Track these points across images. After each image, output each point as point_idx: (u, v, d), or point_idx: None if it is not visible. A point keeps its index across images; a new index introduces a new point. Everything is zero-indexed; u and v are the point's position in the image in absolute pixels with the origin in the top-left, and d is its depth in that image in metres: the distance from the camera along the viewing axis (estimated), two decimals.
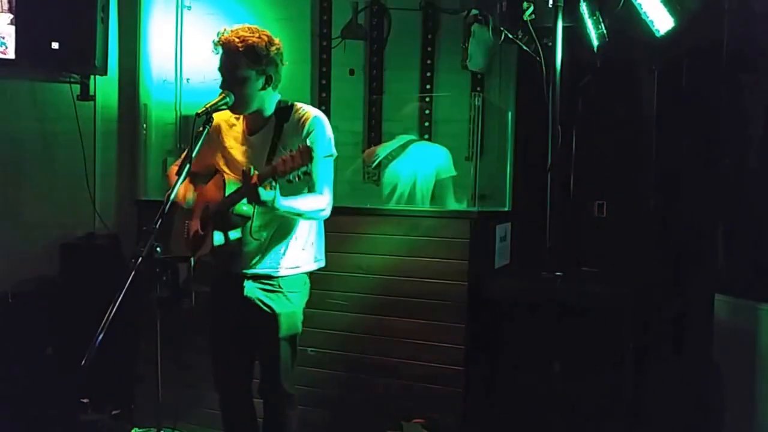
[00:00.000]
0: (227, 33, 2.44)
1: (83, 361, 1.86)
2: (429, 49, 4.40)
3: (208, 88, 4.05)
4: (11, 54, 3.69)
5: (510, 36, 3.18)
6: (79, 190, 3.94)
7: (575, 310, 2.95)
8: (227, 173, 2.57)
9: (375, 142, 4.39)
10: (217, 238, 2.48)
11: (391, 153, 4.00)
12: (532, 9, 2.94)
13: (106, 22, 3.79)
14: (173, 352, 2.54)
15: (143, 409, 3.62)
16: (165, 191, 2.70)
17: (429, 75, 4.40)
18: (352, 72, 4.54)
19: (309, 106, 2.60)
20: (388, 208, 3.66)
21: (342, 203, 2.93)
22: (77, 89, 3.91)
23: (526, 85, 4.00)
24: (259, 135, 2.56)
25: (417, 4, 4.38)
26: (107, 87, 4.05)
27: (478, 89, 4.21)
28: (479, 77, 4.21)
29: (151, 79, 4.13)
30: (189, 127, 2.69)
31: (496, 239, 3.57)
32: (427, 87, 4.40)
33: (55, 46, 3.60)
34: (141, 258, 2.02)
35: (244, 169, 2.28)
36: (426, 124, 4.33)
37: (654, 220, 3.73)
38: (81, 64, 3.76)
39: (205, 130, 2.39)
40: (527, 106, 4.01)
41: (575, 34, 3.05)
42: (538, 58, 3.01)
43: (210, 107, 2.36)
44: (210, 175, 2.64)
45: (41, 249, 3.85)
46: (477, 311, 3.16)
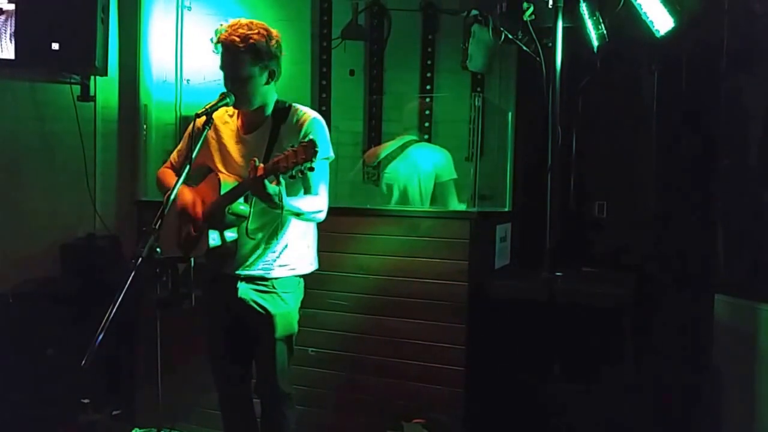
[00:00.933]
0: (225, 30, 2.43)
1: (83, 362, 1.85)
2: (429, 50, 4.40)
3: (208, 88, 4.06)
4: (11, 54, 3.70)
5: (510, 36, 3.18)
6: (80, 190, 3.94)
7: (575, 310, 2.95)
8: (222, 172, 2.55)
9: (375, 142, 4.39)
10: (213, 238, 2.45)
11: (391, 153, 4.00)
12: (532, 9, 2.93)
13: (106, 22, 3.79)
14: (173, 352, 2.54)
15: (143, 410, 3.62)
16: (158, 187, 2.71)
17: (429, 75, 4.40)
18: (352, 72, 4.54)
19: (307, 107, 2.60)
20: (388, 208, 3.65)
21: (342, 203, 2.94)
22: (77, 90, 3.91)
23: (526, 86, 4.00)
24: (256, 134, 2.55)
25: (417, 4, 4.38)
26: (107, 87, 4.04)
27: (478, 90, 4.21)
28: (479, 78, 4.21)
29: (152, 80, 4.12)
30: (189, 128, 2.69)
31: (496, 239, 3.57)
32: (427, 87, 4.40)
33: (56, 46, 3.60)
34: (141, 258, 2.02)
35: (252, 161, 2.23)
36: (426, 124, 4.34)
37: (654, 220, 3.73)
38: (81, 64, 3.76)
39: (205, 130, 2.39)
40: (527, 106, 4.02)
41: (575, 34, 3.04)
42: (538, 58, 3.00)
43: (210, 108, 2.36)
44: (201, 175, 2.61)
45: (41, 250, 3.85)
46: (477, 311, 3.16)
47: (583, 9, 2.94)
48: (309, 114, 2.54)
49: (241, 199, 2.40)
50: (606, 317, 3.05)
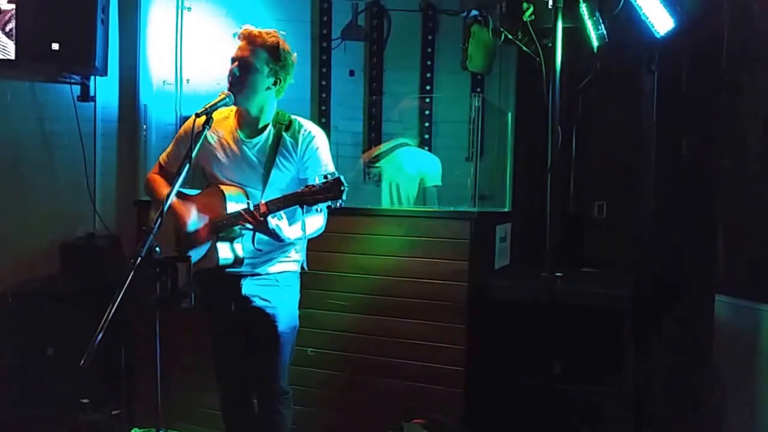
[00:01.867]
0: (252, 28, 2.50)
1: (83, 361, 1.85)
2: (429, 50, 4.41)
3: (207, 88, 4.06)
4: (11, 54, 3.70)
5: (510, 37, 3.18)
6: (79, 190, 3.94)
7: (575, 310, 2.95)
8: (219, 179, 2.56)
9: (375, 142, 4.39)
10: (223, 254, 2.49)
11: (381, 153, 4.03)
12: (531, 10, 2.94)
13: (106, 23, 3.79)
14: (172, 352, 2.54)
15: (143, 409, 3.62)
16: (147, 192, 2.70)
17: (429, 76, 4.41)
18: (352, 73, 4.55)
19: (309, 121, 2.63)
20: (388, 208, 3.66)
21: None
22: (77, 90, 3.91)
23: (525, 86, 4.01)
24: (257, 141, 2.56)
25: (417, 5, 4.39)
26: (107, 88, 4.05)
27: (478, 90, 4.22)
28: (479, 78, 4.22)
29: (151, 80, 4.13)
30: (180, 131, 2.70)
31: (496, 240, 3.57)
32: (427, 88, 4.41)
33: (56, 46, 3.60)
34: (140, 258, 2.02)
35: (258, 203, 2.34)
36: (426, 124, 4.34)
37: (654, 220, 3.73)
38: (81, 64, 3.76)
39: (205, 129, 2.39)
40: (527, 106, 4.02)
41: (575, 35, 3.05)
42: (537, 58, 3.00)
43: (210, 107, 2.36)
44: (198, 177, 2.64)
45: (41, 249, 3.85)
46: (477, 312, 3.16)
47: (583, 9, 2.94)
48: (312, 129, 2.59)
49: None
50: (606, 317, 3.05)
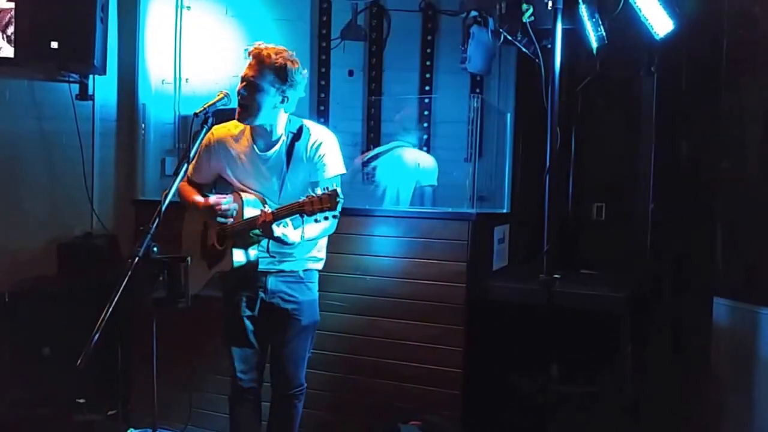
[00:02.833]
0: (263, 46, 2.51)
1: (79, 362, 1.85)
2: (428, 51, 4.41)
3: (206, 88, 4.06)
4: (10, 53, 3.69)
5: (509, 38, 3.17)
6: (77, 189, 3.93)
7: (573, 312, 2.94)
8: (242, 188, 2.64)
9: (374, 142, 4.39)
10: (237, 257, 2.55)
11: (376, 154, 4.04)
12: (531, 11, 2.93)
13: (105, 21, 3.79)
14: (169, 352, 2.53)
15: (139, 410, 3.61)
16: (154, 193, 2.73)
17: (428, 76, 4.40)
18: (351, 73, 4.55)
19: (320, 126, 2.70)
20: (386, 209, 3.65)
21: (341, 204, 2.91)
22: (76, 89, 3.90)
23: (525, 87, 4.01)
24: (272, 153, 2.61)
25: (416, 5, 4.39)
26: (106, 87, 4.04)
27: (477, 91, 4.21)
28: (478, 79, 4.21)
29: (150, 79, 4.12)
30: (187, 128, 2.71)
31: (494, 241, 3.56)
32: (427, 88, 4.40)
33: (55, 45, 3.59)
34: (138, 258, 2.02)
35: (262, 211, 2.39)
36: (425, 125, 4.34)
37: (653, 222, 3.72)
38: (80, 63, 3.76)
39: (204, 129, 2.41)
40: (526, 108, 4.02)
41: (574, 36, 3.04)
42: (537, 60, 3.00)
43: (208, 107, 2.39)
44: (220, 186, 2.73)
45: (39, 248, 3.84)
46: (475, 313, 3.16)
47: (583, 11, 2.93)
48: (323, 133, 2.66)
49: None
50: (604, 319, 3.04)
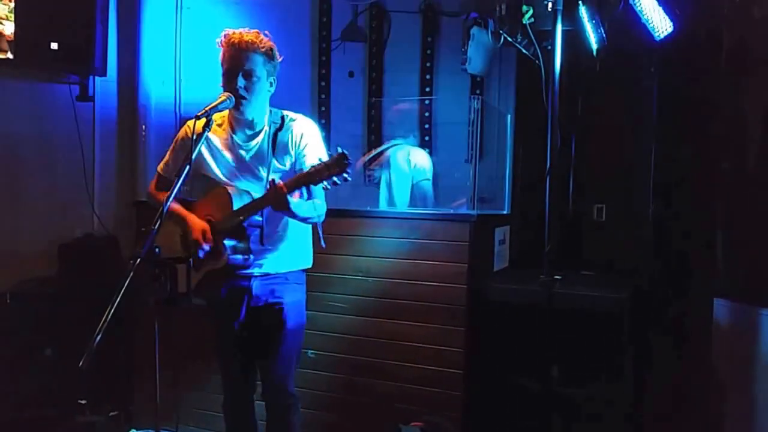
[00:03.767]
0: (237, 34, 2.46)
1: (81, 362, 1.85)
2: (428, 52, 4.40)
3: (206, 89, 4.05)
4: (10, 54, 3.69)
5: (509, 39, 3.17)
6: (78, 191, 3.93)
7: (574, 313, 2.95)
8: (225, 182, 2.57)
9: (375, 144, 4.39)
10: (230, 253, 2.49)
11: (374, 156, 4.05)
12: (531, 12, 2.93)
13: (105, 22, 3.79)
14: (171, 353, 2.53)
15: (141, 411, 3.62)
16: (152, 203, 2.69)
17: (428, 78, 4.40)
18: (351, 74, 4.54)
19: (300, 115, 2.64)
20: (387, 210, 3.65)
21: (341, 205, 2.93)
22: (76, 90, 3.91)
23: (525, 88, 4.01)
24: (254, 143, 2.57)
25: (417, 6, 4.39)
26: (106, 88, 4.04)
27: (477, 92, 4.21)
28: (479, 80, 4.21)
29: (150, 81, 4.12)
30: (174, 140, 2.70)
31: (495, 242, 3.57)
32: (427, 90, 4.40)
33: (54, 46, 3.59)
34: (139, 259, 2.02)
35: (271, 180, 2.32)
36: (426, 126, 4.34)
37: (653, 223, 3.73)
38: (80, 64, 3.76)
39: (205, 132, 2.39)
40: (526, 109, 4.02)
41: (575, 37, 3.04)
42: (537, 61, 3.00)
43: (210, 109, 2.35)
44: (197, 182, 2.63)
45: (40, 250, 3.84)
46: (476, 314, 3.16)
47: (583, 12, 2.93)
48: (304, 123, 2.60)
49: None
50: (604, 320, 3.04)
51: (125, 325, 3.34)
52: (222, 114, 2.58)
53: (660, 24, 3.16)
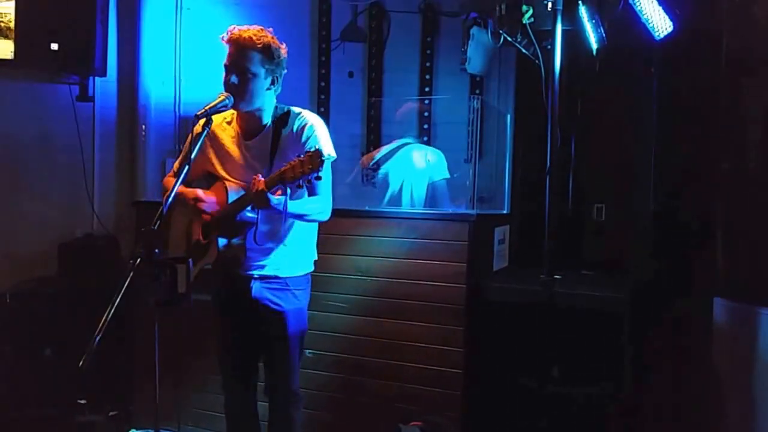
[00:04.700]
0: (238, 30, 2.46)
1: (81, 362, 1.85)
2: (428, 52, 4.41)
3: (206, 89, 4.05)
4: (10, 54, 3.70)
5: (509, 39, 3.17)
6: (78, 191, 3.93)
7: (574, 313, 2.95)
8: (227, 179, 2.57)
9: (374, 144, 4.39)
10: (222, 245, 2.49)
11: (385, 155, 4.02)
12: (531, 12, 2.93)
13: (105, 23, 3.80)
14: (171, 353, 2.53)
15: (141, 411, 3.62)
16: (163, 195, 2.71)
17: (428, 78, 4.40)
18: (351, 74, 4.54)
19: (306, 110, 2.62)
20: (387, 210, 3.65)
21: (341, 205, 2.93)
22: (76, 90, 3.91)
23: (525, 88, 4.01)
24: (258, 140, 2.56)
25: (416, 6, 4.39)
26: (106, 88, 4.05)
27: (477, 92, 4.21)
28: (478, 80, 4.22)
29: (150, 81, 4.12)
30: (188, 129, 2.69)
31: (494, 242, 3.57)
32: (426, 89, 4.40)
33: (55, 47, 3.60)
34: (139, 259, 2.02)
35: (253, 178, 2.31)
36: (425, 126, 4.34)
37: (653, 223, 3.72)
38: (80, 65, 3.76)
39: (205, 131, 2.39)
40: (526, 108, 4.02)
41: (574, 37, 3.05)
42: (537, 61, 3.00)
43: (209, 109, 2.35)
44: (204, 181, 2.64)
45: (39, 249, 3.85)
46: (475, 314, 3.16)
47: (582, 12, 2.93)
48: (308, 117, 2.57)
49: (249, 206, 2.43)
50: (604, 320, 3.04)
51: (125, 325, 3.34)
52: (232, 111, 2.57)
53: (660, 24, 3.16)
